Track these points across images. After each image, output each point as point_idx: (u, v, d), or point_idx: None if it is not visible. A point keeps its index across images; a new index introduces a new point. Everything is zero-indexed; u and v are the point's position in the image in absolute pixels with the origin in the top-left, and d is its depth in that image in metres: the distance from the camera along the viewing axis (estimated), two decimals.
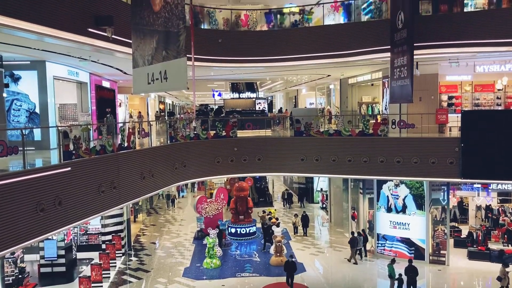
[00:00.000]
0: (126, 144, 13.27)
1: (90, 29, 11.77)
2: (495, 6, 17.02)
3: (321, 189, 31.14)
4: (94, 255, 19.57)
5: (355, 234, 20.10)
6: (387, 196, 20.01)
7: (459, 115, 16.33)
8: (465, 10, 17.37)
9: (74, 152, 10.79)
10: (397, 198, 19.70)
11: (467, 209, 23.20)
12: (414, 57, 15.36)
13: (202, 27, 19.25)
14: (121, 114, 27.78)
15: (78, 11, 11.43)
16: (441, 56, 17.35)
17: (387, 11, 18.12)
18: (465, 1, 17.37)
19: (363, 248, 20.31)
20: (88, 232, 21.14)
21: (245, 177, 24.91)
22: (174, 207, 31.74)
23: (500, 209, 21.94)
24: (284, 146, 18.03)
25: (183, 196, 36.57)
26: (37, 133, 15.49)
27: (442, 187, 19.04)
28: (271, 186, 35.63)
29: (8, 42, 12.06)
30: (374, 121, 18.15)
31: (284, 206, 31.07)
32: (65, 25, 10.86)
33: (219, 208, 24.83)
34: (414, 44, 15.19)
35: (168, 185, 15.76)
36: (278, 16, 20.18)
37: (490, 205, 22.18)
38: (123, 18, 12.82)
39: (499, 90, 19.36)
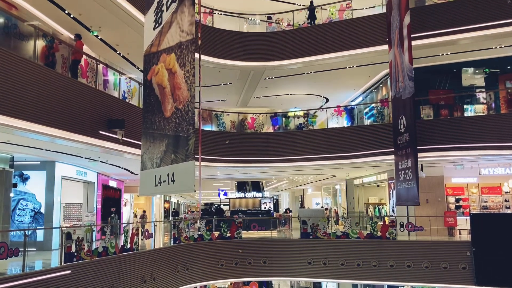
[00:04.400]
0: (129, 246, 13.02)
1: (101, 132, 12.16)
2: (494, 111, 17.58)
3: None
4: None
5: None
6: None
7: (468, 217, 16.06)
8: (465, 114, 17.93)
9: (76, 254, 10.59)
10: None
11: None
12: (419, 159, 15.52)
13: (210, 128, 19.87)
14: (126, 213, 27.58)
15: (90, 114, 11.86)
16: (445, 158, 17.52)
17: (389, 115, 18.71)
18: (465, 107, 18.00)
19: None
20: None
21: (250, 281, 23.91)
22: None
23: None
24: (291, 248, 17.52)
25: None
26: (40, 234, 15.29)
27: None
28: None
29: (21, 144, 12.40)
30: (381, 223, 17.85)
31: None
32: (77, 127, 11.21)
33: None
34: (418, 147, 15.44)
35: None
36: (283, 119, 20.89)
37: None
38: (133, 120, 13.33)
39: (506, 192, 19.22)
